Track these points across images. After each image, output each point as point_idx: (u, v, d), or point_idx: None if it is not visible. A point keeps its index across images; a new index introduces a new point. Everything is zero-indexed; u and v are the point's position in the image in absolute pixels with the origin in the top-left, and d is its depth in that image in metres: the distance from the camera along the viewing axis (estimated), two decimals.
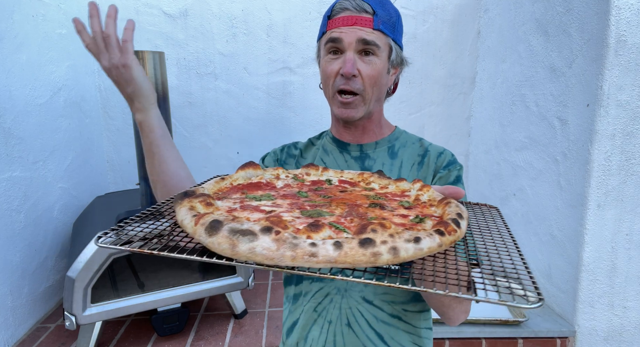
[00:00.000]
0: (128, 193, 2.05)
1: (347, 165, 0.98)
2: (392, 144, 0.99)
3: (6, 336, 1.56)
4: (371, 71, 0.87)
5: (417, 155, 0.97)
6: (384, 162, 0.96)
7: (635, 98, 1.49)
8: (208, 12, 2.30)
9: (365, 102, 0.90)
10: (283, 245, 0.44)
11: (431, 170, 0.94)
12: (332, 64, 0.88)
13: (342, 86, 0.87)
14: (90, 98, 2.25)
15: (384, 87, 0.93)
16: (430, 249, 0.47)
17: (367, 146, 0.98)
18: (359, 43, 0.85)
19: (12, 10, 1.64)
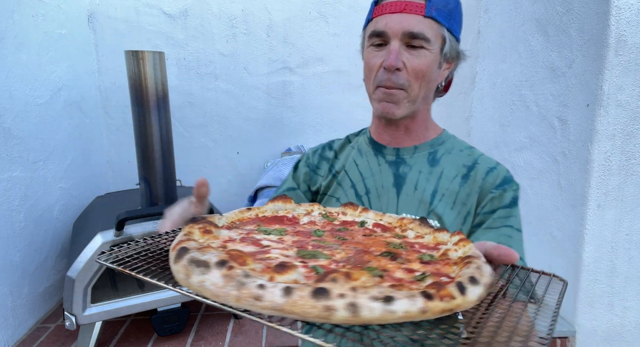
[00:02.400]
0: (128, 193, 2.05)
1: (379, 169, 0.86)
2: (435, 149, 0.86)
3: (6, 336, 1.56)
4: (418, 64, 0.75)
5: (462, 166, 0.83)
6: (421, 169, 0.83)
7: (635, 98, 1.49)
8: (208, 12, 2.30)
9: (410, 99, 0.78)
10: (230, 282, 0.39)
11: (477, 187, 0.80)
12: (376, 57, 0.78)
13: (384, 82, 0.77)
14: (90, 98, 2.25)
15: (433, 83, 0.80)
16: (408, 314, 0.37)
17: (404, 150, 0.86)
18: (404, 35, 0.74)
19: (12, 10, 1.64)
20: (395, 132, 0.86)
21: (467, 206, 0.80)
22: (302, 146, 2.42)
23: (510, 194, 0.79)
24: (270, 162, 2.30)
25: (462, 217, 0.80)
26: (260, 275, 0.40)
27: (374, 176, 0.86)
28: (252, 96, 2.41)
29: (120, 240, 1.46)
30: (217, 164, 2.47)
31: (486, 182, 0.80)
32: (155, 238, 0.59)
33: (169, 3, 2.27)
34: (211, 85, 2.37)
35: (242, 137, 2.46)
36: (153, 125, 1.65)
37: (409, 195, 0.82)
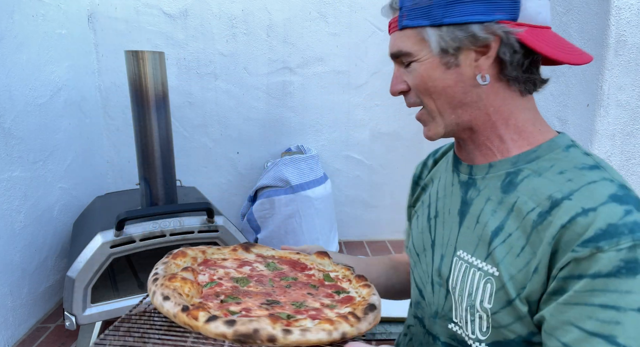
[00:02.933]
0: (128, 193, 2.05)
1: (452, 190, 0.71)
2: (518, 168, 0.61)
3: (6, 336, 1.56)
4: (414, 80, 0.66)
5: (546, 197, 0.56)
6: (490, 196, 0.63)
7: (635, 98, 1.49)
8: (208, 12, 2.30)
9: (434, 115, 0.66)
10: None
11: (551, 234, 0.53)
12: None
13: (407, 104, 0.71)
14: (90, 98, 2.25)
15: (451, 88, 0.63)
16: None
17: (477, 169, 0.67)
18: (393, 57, 0.69)
19: (12, 10, 1.64)
20: (462, 147, 0.70)
21: (536, 258, 0.54)
22: (302, 146, 2.42)
23: (612, 256, 0.49)
24: (270, 162, 2.30)
25: (527, 272, 0.55)
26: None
27: (446, 197, 0.72)
28: (252, 96, 2.41)
29: (120, 240, 1.46)
30: (217, 164, 2.47)
31: (568, 231, 0.52)
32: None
33: (169, 3, 2.27)
34: (211, 85, 2.37)
35: (242, 137, 2.46)
36: (153, 125, 1.65)
37: (469, 228, 0.64)
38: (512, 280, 0.57)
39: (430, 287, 0.70)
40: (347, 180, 2.56)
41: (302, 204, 2.18)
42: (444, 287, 0.67)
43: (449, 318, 0.66)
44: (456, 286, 0.64)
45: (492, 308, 0.58)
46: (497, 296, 0.58)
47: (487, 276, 0.59)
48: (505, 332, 0.58)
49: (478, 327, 0.61)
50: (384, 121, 2.47)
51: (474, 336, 0.61)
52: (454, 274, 0.65)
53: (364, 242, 2.62)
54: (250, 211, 2.30)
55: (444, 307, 0.67)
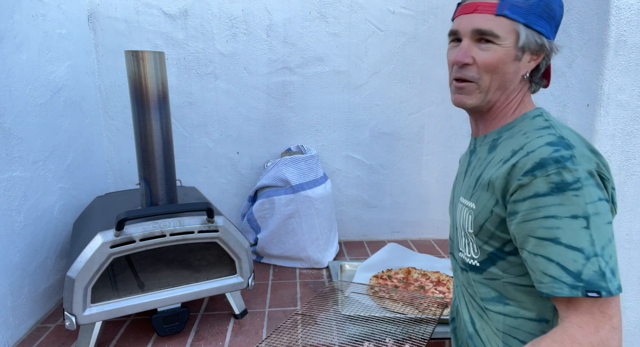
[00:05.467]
0: (128, 193, 2.05)
1: (465, 158, 1.00)
2: (500, 135, 0.88)
3: (6, 336, 1.56)
4: (487, 57, 0.82)
5: (510, 151, 0.81)
6: (480, 156, 0.91)
7: (635, 98, 1.49)
8: (208, 12, 2.30)
9: (482, 90, 0.85)
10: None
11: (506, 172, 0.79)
12: (452, 53, 0.87)
13: (455, 74, 0.86)
14: (90, 98, 2.25)
15: (510, 75, 0.84)
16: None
17: (478, 139, 0.94)
18: (474, 33, 0.82)
19: (12, 10, 1.64)
20: (476, 121, 0.94)
21: (496, 189, 0.81)
22: (302, 146, 2.42)
23: (543, 180, 0.72)
24: (270, 162, 2.30)
25: (494, 199, 0.82)
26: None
27: (462, 166, 1.01)
28: (252, 96, 2.41)
29: (120, 240, 1.46)
30: (217, 164, 2.47)
31: (515, 168, 0.77)
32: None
33: (169, 3, 2.27)
34: (211, 85, 2.37)
35: (242, 137, 2.46)
36: (153, 125, 1.65)
37: (465, 180, 0.93)
38: (483, 209, 0.84)
39: (454, 230, 0.99)
40: (347, 180, 2.56)
41: (302, 204, 2.18)
42: (455, 227, 0.96)
43: (457, 249, 0.97)
44: (458, 222, 0.93)
45: (474, 232, 0.87)
46: (474, 222, 0.86)
47: (470, 210, 0.87)
48: (485, 247, 0.86)
49: (472, 249, 0.89)
50: (384, 121, 2.47)
51: (470, 255, 0.90)
52: (457, 215, 0.94)
53: (364, 242, 2.62)
54: (250, 211, 2.30)
55: (454, 241, 0.98)
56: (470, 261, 0.90)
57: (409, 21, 2.40)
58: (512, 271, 0.82)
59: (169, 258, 1.60)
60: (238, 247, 1.66)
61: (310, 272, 2.21)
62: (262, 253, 2.31)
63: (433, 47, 2.46)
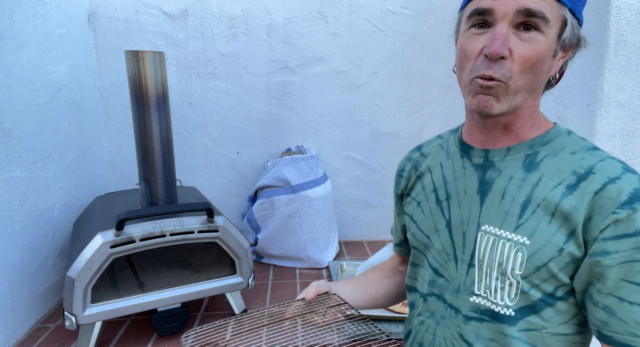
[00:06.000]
0: (128, 193, 2.05)
1: (464, 173, 0.75)
2: (536, 151, 0.69)
3: (6, 336, 1.56)
4: (529, 52, 0.62)
5: (570, 173, 0.64)
6: (512, 175, 0.69)
7: (635, 98, 1.49)
8: (208, 12, 2.30)
9: (510, 93, 0.64)
10: None
11: (586, 201, 0.61)
12: (475, 41, 0.65)
13: (482, 71, 0.63)
14: (90, 98, 2.25)
15: (544, 75, 0.66)
16: None
17: (494, 152, 0.72)
18: (518, 14, 0.60)
19: (12, 10, 1.64)
20: (491, 130, 0.71)
21: (571, 222, 0.62)
22: (302, 146, 2.42)
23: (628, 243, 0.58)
24: (270, 162, 2.30)
25: (564, 234, 0.63)
26: None
27: (457, 180, 0.76)
28: (252, 96, 2.41)
29: (120, 240, 1.46)
30: (217, 164, 2.47)
31: (602, 197, 0.60)
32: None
33: (169, 3, 2.27)
34: (211, 85, 2.37)
35: (242, 137, 2.46)
36: (153, 125, 1.65)
37: (493, 204, 0.69)
38: (545, 246, 0.63)
39: (453, 264, 0.74)
40: (347, 180, 2.56)
41: (302, 204, 2.18)
42: (466, 263, 0.72)
43: (470, 292, 0.72)
44: (484, 258, 0.69)
45: (523, 274, 0.65)
46: (528, 263, 0.64)
47: (518, 245, 0.66)
48: (532, 292, 0.66)
49: (507, 294, 0.67)
50: (384, 121, 2.47)
51: (503, 303, 0.68)
52: (480, 248, 0.70)
53: (363, 242, 2.62)
54: (250, 211, 2.30)
55: (465, 281, 0.72)
56: (500, 309, 0.68)
57: (409, 21, 2.40)
58: (556, 320, 0.66)
59: (169, 258, 1.60)
60: (238, 247, 1.66)
61: (310, 272, 2.21)
62: (262, 253, 2.31)
63: (433, 47, 2.46)
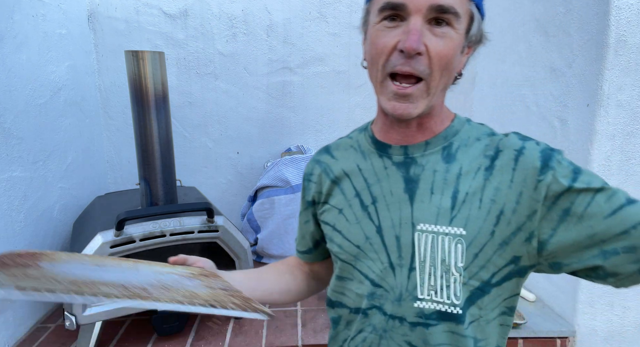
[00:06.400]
0: (128, 193, 2.05)
1: (386, 173, 0.72)
2: (449, 142, 0.70)
3: (6, 336, 1.56)
4: (443, 48, 0.61)
5: (483, 157, 0.68)
6: (435, 168, 0.69)
7: (635, 98, 1.49)
8: (208, 12, 2.30)
9: (430, 93, 0.63)
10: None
11: (508, 179, 0.64)
12: (387, 35, 0.62)
13: (399, 67, 0.61)
14: (90, 98, 2.25)
15: (455, 72, 0.67)
16: None
17: (413, 148, 0.71)
18: (431, 10, 0.59)
19: (12, 10, 1.64)
20: (406, 129, 0.71)
21: (498, 203, 0.64)
22: (302, 146, 2.42)
23: (566, 170, 0.62)
24: (270, 162, 2.30)
25: (493, 216, 0.64)
26: None
27: (381, 181, 0.72)
28: (252, 96, 2.41)
29: (120, 240, 1.46)
30: (217, 164, 2.47)
31: (520, 172, 0.64)
32: None
33: (169, 3, 2.27)
34: (211, 85, 2.37)
35: (242, 137, 2.46)
36: (153, 125, 1.65)
37: (424, 201, 0.68)
38: (479, 233, 0.64)
39: (390, 272, 0.69)
40: None
41: None
42: (406, 267, 0.68)
43: (413, 297, 0.68)
44: (425, 258, 0.67)
45: (465, 265, 0.65)
46: (467, 253, 0.65)
47: (456, 238, 0.65)
48: (471, 282, 0.65)
49: (453, 291, 0.66)
50: None
51: (449, 301, 0.66)
52: (419, 249, 0.67)
53: None
54: (250, 210, 2.30)
55: (407, 287, 0.68)
56: (447, 308, 0.66)
57: None
58: (489, 306, 0.67)
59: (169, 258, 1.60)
60: (238, 247, 1.66)
61: None
62: (262, 253, 2.31)
63: None
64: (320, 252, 0.91)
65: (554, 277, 1.73)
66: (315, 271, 0.95)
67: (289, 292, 0.90)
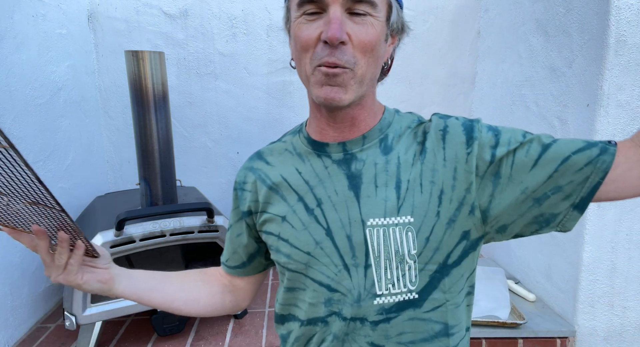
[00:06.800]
0: (128, 193, 2.05)
1: (328, 173, 0.70)
2: (385, 134, 0.71)
3: (6, 336, 1.56)
4: (366, 35, 0.61)
5: (416, 143, 0.69)
6: (376, 161, 0.69)
7: (635, 98, 1.49)
8: (208, 12, 2.30)
9: (357, 80, 0.63)
10: None
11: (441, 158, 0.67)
12: (310, 28, 0.62)
13: (325, 58, 0.60)
14: (90, 98, 2.25)
15: (381, 60, 0.67)
16: None
17: (351, 143, 0.70)
18: (347, 0, 0.60)
19: (12, 10, 1.64)
20: (340, 124, 0.70)
21: (437, 184, 0.66)
22: None
23: (488, 136, 0.66)
24: None
25: (435, 198, 0.66)
26: None
27: (323, 182, 0.70)
28: (252, 96, 2.41)
29: (120, 240, 1.46)
30: (217, 164, 2.47)
31: (450, 148, 0.66)
32: None
33: (169, 3, 2.27)
34: (211, 85, 2.37)
35: (242, 137, 2.46)
36: (153, 125, 1.65)
37: (370, 196, 0.67)
38: (426, 216, 0.65)
39: (345, 274, 0.67)
40: None
41: None
42: (361, 266, 0.66)
43: (372, 295, 0.66)
44: (380, 253, 0.66)
45: (417, 251, 0.65)
46: (418, 239, 0.65)
47: (406, 226, 0.65)
48: (428, 267, 0.66)
49: (408, 279, 0.66)
50: None
51: (405, 289, 0.66)
52: (372, 245, 0.66)
53: None
54: None
55: (365, 286, 0.66)
56: (404, 297, 0.66)
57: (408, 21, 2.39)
58: (455, 288, 0.68)
59: (169, 258, 1.60)
60: None
61: None
62: None
63: (433, 47, 2.45)
64: (255, 265, 0.85)
65: (554, 278, 1.73)
66: (236, 285, 0.87)
67: (197, 302, 0.83)
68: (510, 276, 2.01)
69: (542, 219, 0.65)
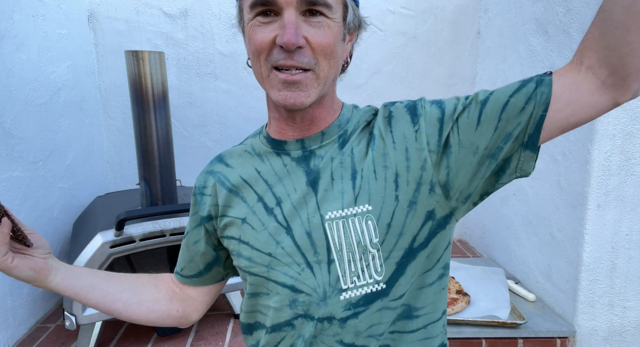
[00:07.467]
0: (128, 193, 2.05)
1: (287, 170, 0.70)
2: (344, 129, 0.71)
3: (6, 336, 1.56)
4: (323, 38, 0.61)
5: (367, 134, 0.70)
6: (333, 156, 0.69)
7: (635, 98, 1.49)
8: (208, 12, 2.30)
9: (320, 82, 0.63)
10: None
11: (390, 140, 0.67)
12: (264, 31, 0.61)
13: (282, 61, 0.60)
14: (90, 98, 2.25)
15: (340, 60, 0.68)
16: None
17: (310, 140, 0.70)
18: (302, 2, 0.59)
19: (12, 10, 1.64)
20: (300, 124, 0.69)
21: (391, 168, 0.65)
22: None
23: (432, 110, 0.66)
24: None
25: (391, 182, 0.65)
26: None
27: (282, 180, 0.70)
28: (252, 96, 2.41)
29: (120, 240, 1.46)
30: None
31: (397, 130, 0.67)
32: None
33: (169, 3, 2.27)
34: (211, 85, 2.37)
35: (242, 137, 2.45)
36: (153, 125, 1.65)
37: (328, 190, 0.67)
38: (384, 202, 0.65)
39: (308, 272, 0.65)
40: None
41: None
42: (325, 262, 0.65)
43: (338, 291, 0.64)
44: (342, 246, 0.65)
45: (380, 239, 0.64)
46: (379, 226, 0.64)
47: (365, 215, 0.65)
48: (394, 254, 0.65)
49: (373, 269, 0.65)
50: None
51: (372, 280, 0.64)
52: (333, 238, 0.65)
53: None
54: None
55: (330, 283, 0.65)
56: (371, 289, 0.64)
57: (409, 21, 2.40)
58: (420, 269, 0.67)
59: (169, 258, 1.60)
60: None
61: None
62: None
63: (433, 47, 2.45)
64: (212, 274, 0.82)
65: (554, 278, 1.73)
66: (188, 294, 0.84)
67: (140, 305, 0.78)
68: (510, 276, 2.01)
69: (498, 168, 0.64)
